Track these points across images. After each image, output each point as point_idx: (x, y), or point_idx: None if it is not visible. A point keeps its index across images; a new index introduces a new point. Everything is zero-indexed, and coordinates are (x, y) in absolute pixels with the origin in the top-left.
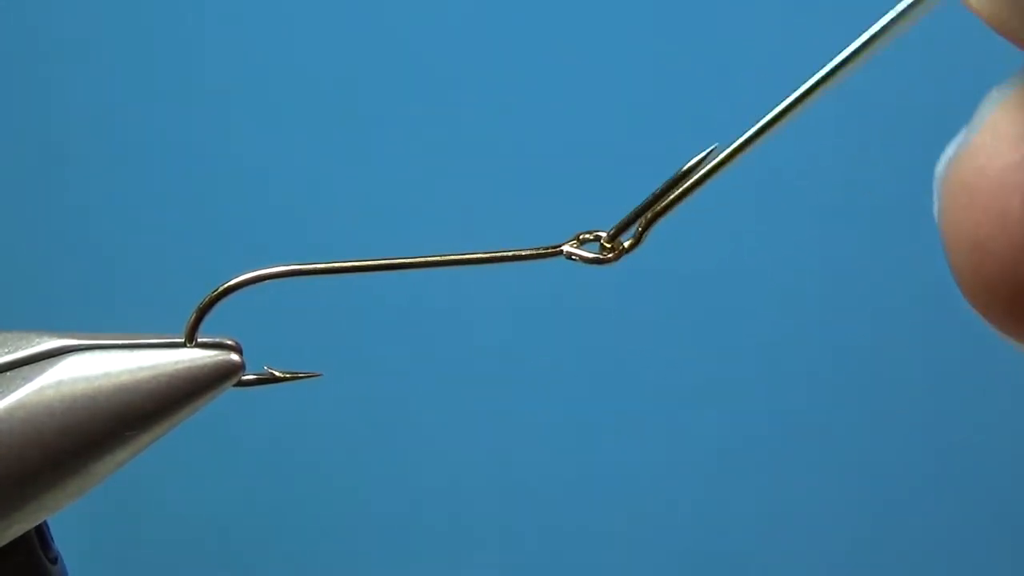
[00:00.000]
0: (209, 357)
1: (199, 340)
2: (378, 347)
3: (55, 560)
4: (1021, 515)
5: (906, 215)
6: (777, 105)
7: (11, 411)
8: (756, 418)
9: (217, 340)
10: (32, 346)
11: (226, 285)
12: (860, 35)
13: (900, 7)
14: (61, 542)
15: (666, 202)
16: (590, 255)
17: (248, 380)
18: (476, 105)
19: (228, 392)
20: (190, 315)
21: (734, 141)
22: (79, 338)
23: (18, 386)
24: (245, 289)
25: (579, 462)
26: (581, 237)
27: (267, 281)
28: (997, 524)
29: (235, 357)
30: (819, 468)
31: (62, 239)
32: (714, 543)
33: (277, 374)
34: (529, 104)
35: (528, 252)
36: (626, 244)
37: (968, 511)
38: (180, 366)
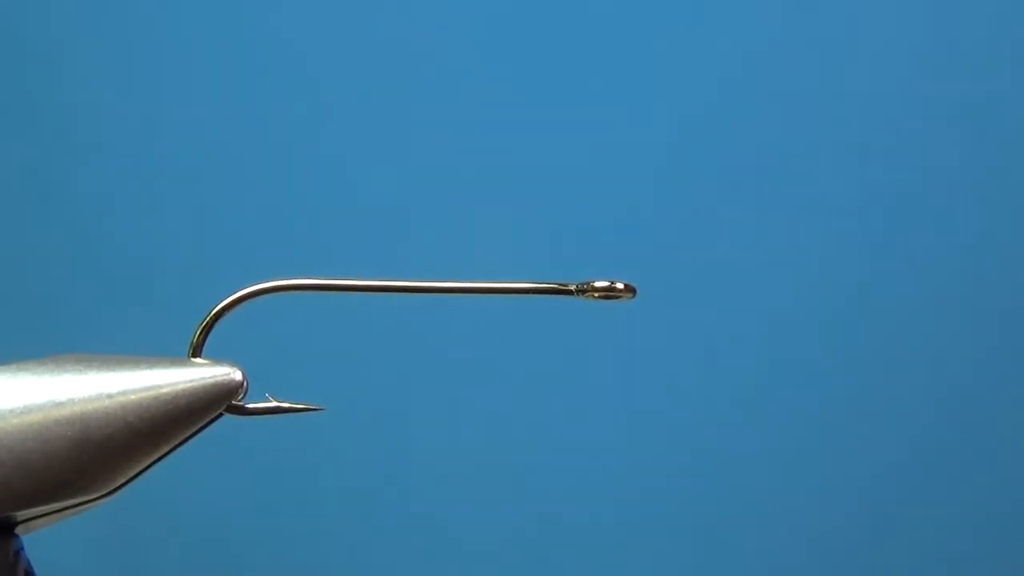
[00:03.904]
0: (213, 374)
1: (204, 359)
2: (382, 365)
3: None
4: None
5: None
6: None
7: (27, 426)
8: (754, 416)
9: (220, 361)
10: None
11: (226, 302)
12: None
13: None
14: (60, 542)
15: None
16: (601, 293)
17: (249, 408)
18: (489, 122)
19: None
20: (194, 331)
21: None
22: (90, 359)
23: (36, 403)
24: (249, 306)
25: (585, 483)
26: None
27: (271, 296)
28: (997, 524)
29: (238, 375)
30: (817, 467)
31: (71, 257)
32: (714, 547)
33: (279, 404)
34: (535, 117)
35: (542, 287)
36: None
37: (967, 511)
38: (186, 382)
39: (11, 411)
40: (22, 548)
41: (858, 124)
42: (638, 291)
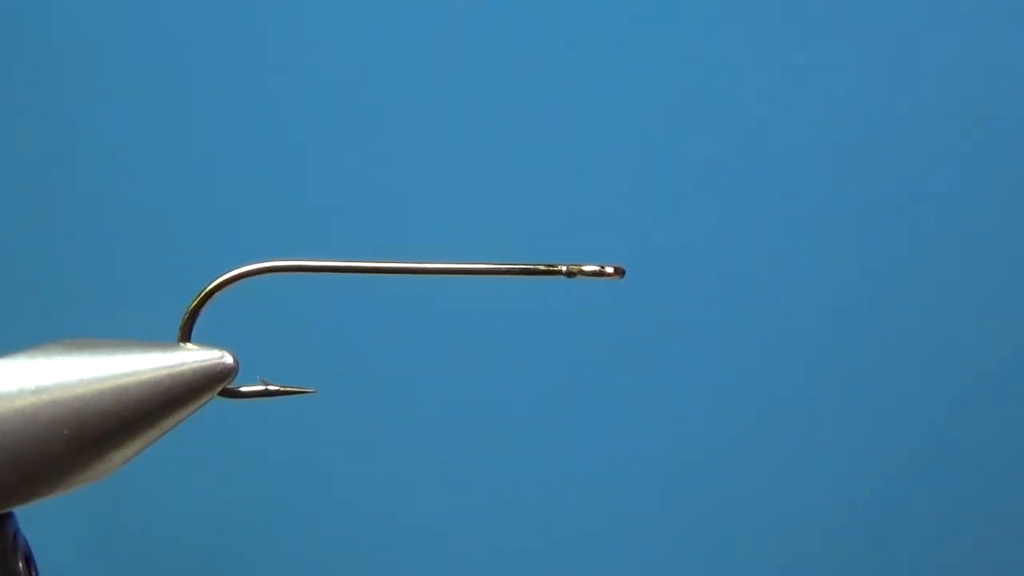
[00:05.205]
0: (204, 358)
1: (195, 344)
2: (373, 348)
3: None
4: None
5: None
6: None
7: (20, 410)
8: (753, 415)
9: (211, 345)
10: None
11: (214, 283)
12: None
13: None
14: (59, 543)
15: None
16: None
17: (242, 392)
18: (476, 105)
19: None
20: (183, 315)
21: None
22: (82, 345)
23: (28, 387)
24: (239, 290)
25: (574, 465)
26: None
27: (262, 279)
28: (995, 522)
29: (228, 360)
30: (815, 466)
31: (61, 242)
32: (712, 545)
33: (271, 387)
34: (531, 107)
35: (532, 268)
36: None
37: (966, 509)
38: (176, 367)
39: (6, 405)
40: (19, 528)
41: (859, 118)
42: (626, 272)
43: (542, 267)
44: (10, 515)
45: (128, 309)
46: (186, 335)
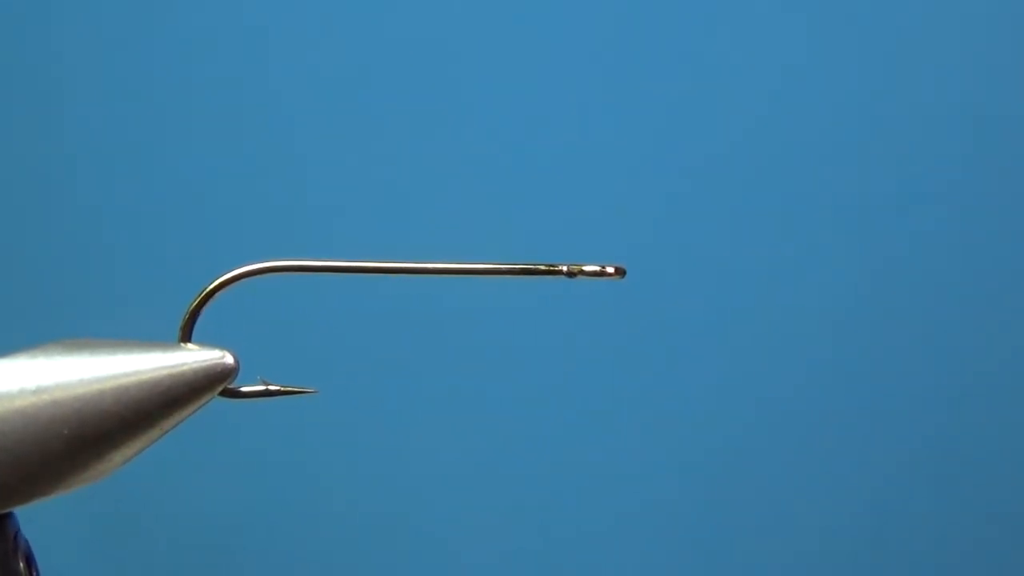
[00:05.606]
0: (205, 358)
1: (195, 344)
2: (373, 348)
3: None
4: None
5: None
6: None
7: (20, 410)
8: (753, 415)
9: (211, 345)
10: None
11: (214, 283)
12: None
13: None
14: (59, 543)
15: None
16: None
17: (243, 392)
18: (476, 105)
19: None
20: (183, 315)
21: None
22: (82, 345)
23: (28, 387)
24: (240, 290)
25: (573, 466)
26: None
27: (263, 279)
28: (995, 522)
29: (229, 360)
30: (815, 467)
31: (61, 242)
32: (712, 545)
33: (271, 387)
34: (531, 107)
35: (533, 268)
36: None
37: (966, 509)
38: (177, 367)
39: (6, 405)
40: (20, 529)
41: (859, 118)
42: (626, 272)
43: (542, 267)
44: (10, 515)
45: (128, 309)
46: (186, 335)
